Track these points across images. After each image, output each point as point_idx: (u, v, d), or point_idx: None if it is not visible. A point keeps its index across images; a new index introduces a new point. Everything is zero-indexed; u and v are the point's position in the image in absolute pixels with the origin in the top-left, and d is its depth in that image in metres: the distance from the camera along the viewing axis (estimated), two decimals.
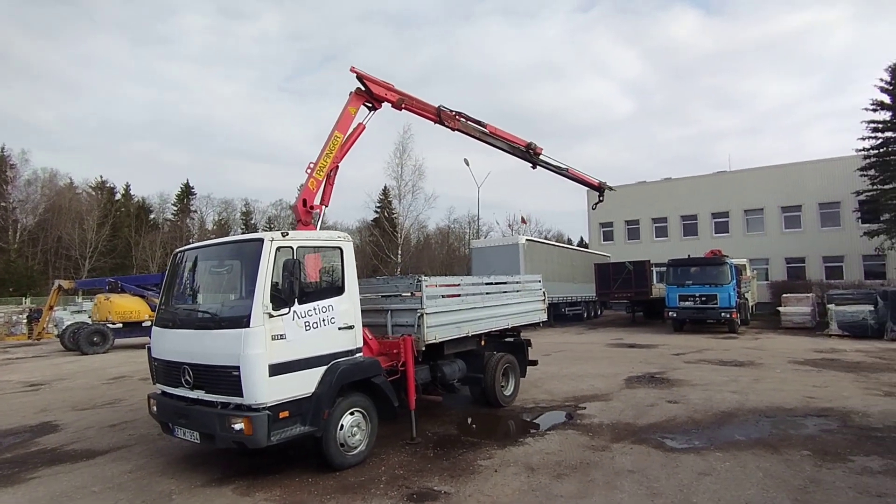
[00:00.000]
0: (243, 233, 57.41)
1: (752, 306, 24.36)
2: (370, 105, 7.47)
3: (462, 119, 8.49)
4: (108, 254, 45.54)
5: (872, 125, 24.39)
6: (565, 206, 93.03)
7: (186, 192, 58.93)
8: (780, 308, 21.28)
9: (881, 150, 24.30)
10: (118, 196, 53.98)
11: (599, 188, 11.13)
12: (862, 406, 7.51)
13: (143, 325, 19.69)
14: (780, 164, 32.20)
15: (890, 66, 23.88)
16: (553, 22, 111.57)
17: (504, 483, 4.97)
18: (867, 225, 25.87)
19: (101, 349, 18.33)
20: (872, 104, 24.26)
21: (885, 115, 24.17)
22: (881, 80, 24.14)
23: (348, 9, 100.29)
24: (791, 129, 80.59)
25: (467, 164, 34.37)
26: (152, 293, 20.26)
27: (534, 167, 9.70)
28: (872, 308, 16.94)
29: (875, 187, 24.47)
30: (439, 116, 8.18)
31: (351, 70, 7.40)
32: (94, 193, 50.81)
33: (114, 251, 46.50)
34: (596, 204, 11.64)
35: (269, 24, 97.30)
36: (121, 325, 19.43)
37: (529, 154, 9.47)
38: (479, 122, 8.73)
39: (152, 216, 56.56)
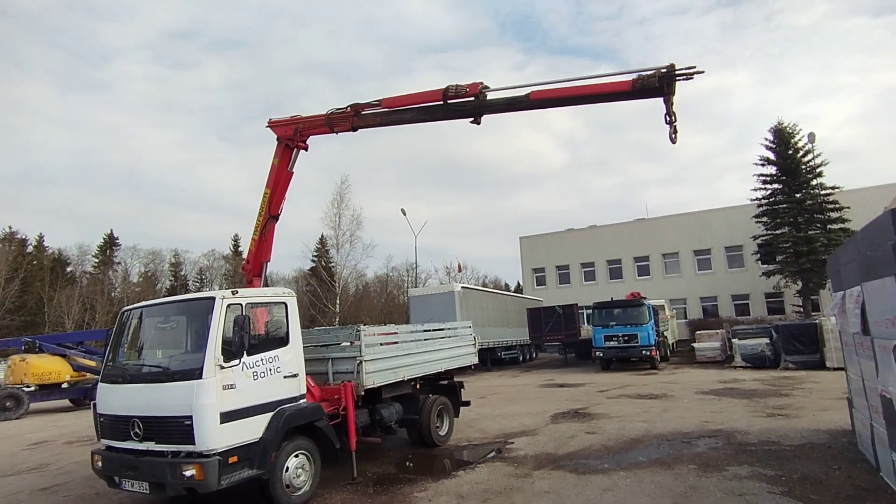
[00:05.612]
0: (171, 285, 55.24)
1: (672, 343, 26.35)
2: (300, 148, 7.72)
3: (360, 113, 7.39)
4: (16, 311, 42.09)
5: (762, 178, 27.89)
6: (501, 253, 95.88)
7: (110, 242, 56.03)
8: (694, 344, 23.23)
9: (770, 200, 27.72)
10: (30, 248, 50.61)
11: (643, 85, 6.27)
12: (746, 426, 8.70)
13: (62, 386, 18.66)
14: (691, 211, 35.67)
15: (772, 127, 27.68)
16: (490, 80, 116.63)
17: None
18: (765, 266, 29.06)
19: (13, 415, 17.08)
20: (761, 160, 27.83)
21: (771, 170, 27.75)
22: (765, 139, 27.89)
23: (291, 60, 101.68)
24: (706, 179, 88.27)
25: (404, 214, 35.58)
26: (75, 352, 19.33)
27: (476, 121, 6.98)
28: (769, 341, 19.01)
29: (768, 232, 27.71)
30: (331, 126, 7.50)
31: (267, 125, 7.69)
32: (1, 246, 47.28)
33: (23, 308, 43.13)
34: (668, 112, 6.50)
35: (210, 74, 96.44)
36: (34, 387, 18.26)
37: (453, 106, 6.86)
38: (371, 105, 7.32)
39: (69, 269, 52.97)
